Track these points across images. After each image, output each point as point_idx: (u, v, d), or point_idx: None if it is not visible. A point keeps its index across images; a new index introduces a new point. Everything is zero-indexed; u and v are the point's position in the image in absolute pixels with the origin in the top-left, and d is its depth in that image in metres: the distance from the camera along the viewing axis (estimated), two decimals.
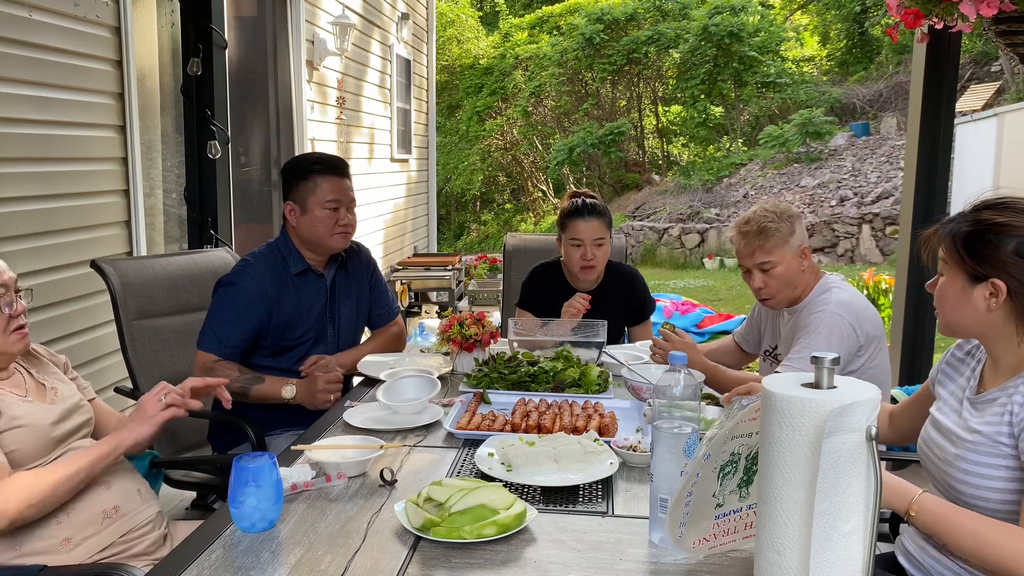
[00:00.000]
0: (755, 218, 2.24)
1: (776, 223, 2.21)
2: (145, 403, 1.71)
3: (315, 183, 2.41)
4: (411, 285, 7.55)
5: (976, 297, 1.40)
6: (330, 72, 6.28)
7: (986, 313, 1.40)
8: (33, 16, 3.00)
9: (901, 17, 2.52)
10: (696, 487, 1.25)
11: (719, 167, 14.85)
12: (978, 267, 1.39)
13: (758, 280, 2.26)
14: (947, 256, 1.44)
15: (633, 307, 3.02)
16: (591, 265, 2.84)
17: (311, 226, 2.42)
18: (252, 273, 2.39)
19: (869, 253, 11.21)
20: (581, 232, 2.82)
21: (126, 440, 1.66)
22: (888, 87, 15.30)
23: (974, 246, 1.39)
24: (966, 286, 1.41)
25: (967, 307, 1.42)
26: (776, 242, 2.21)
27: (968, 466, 1.40)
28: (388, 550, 1.36)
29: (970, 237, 1.40)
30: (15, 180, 2.96)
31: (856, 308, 2.21)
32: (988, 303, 1.39)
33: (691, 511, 1.27)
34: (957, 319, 1.45)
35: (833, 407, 1.05)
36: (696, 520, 1.29)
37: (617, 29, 16.53)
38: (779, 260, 2.22)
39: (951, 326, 1.48)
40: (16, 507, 1.51)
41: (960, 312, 1.44)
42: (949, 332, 1.50)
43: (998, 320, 1.40)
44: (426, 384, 2.13)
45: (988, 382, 1.47)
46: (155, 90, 3.94)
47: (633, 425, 1.96)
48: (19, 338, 1.68)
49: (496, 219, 17.76)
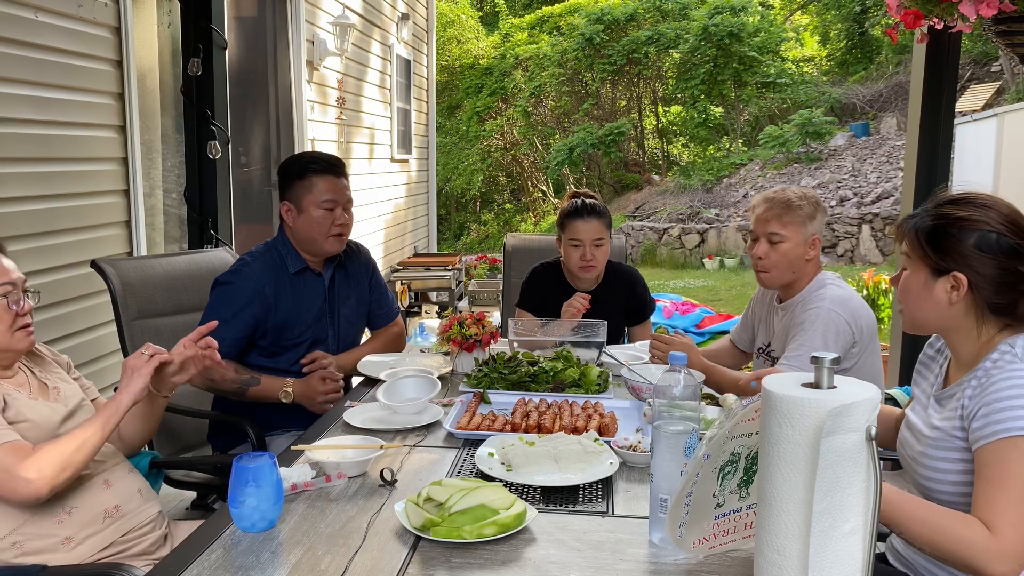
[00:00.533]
0: (786, 192, 2.30)
1: (801, 202, 2.26)
2: (128, 362, 1.72)
3: (311, 183, 2.41)
4: (411, 285, 7.55)
5: (938, 290, 1.43)
6: (330, 72, 6.28)
7: (947, 306, 1.43)
8: (39, 18, 3.01)
9: (901, 17, 2.53)
10: (696, 487, 1.25)
11: (719, 167, 14.85)
12: (940, 261, 1.41)
13: (762, 249, 2.29)
14: (910, 250, 1.47)
15: (633, 307, 3.02)
16: (590, 265, 2.84)
17: (307, 226, 2.41)
18: (248, 272, 2.39)
19: (869, 253, 11.22)
20: (580, 232, 2.82)
21: (123, 399, 1.66)
22: (888, 87, 15.30)
23: (937, 240, 1.42)
24: (928, 280, 1.44)
25: (929, 301, 1.44)
26: (794, 219, 2.25)
27: (930, 462, 1.43)
28: (388, 550, 1.36)
29: (933, 231, 1.42)
30: (15, 180, 2.96)
31: (851, 305, 2.22)
32: (949, 296, 1.42)
33: (691, 511, 1.27)
34: (920, 313, 1.47)
35: (832, 407, 1.05)
36: (696, 520, 1.29)
37: (617, 29, 16.53)
38: (789, 237, 2.25)
39: (914, 320, 1.50)
40: (52, 472, 1.54)
41: (923, 306, 1.46)
42: (913, 327, 1.52)
43: (959, 313, 1.43)
44: (426, 384, 2.13)
45: (951, 378, 1.50)
46: (155, 90, 3.94)
47: (633, 425, 1.96)
48: (25, 336, 1.69)
49: (496, 219, 17.75)
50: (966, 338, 1.44)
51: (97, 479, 1.70)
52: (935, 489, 1.43)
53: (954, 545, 1.24)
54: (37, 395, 1.71)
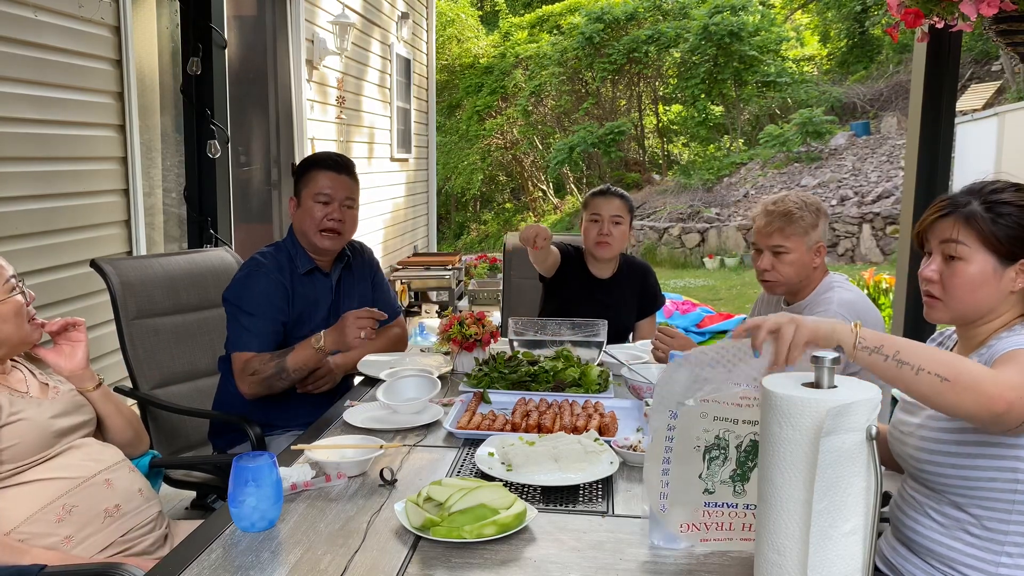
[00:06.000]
0: (785, 201, 2.26)
1: (802, 212, 2.23)
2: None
3: (312, 176, 2.43)
4: (411, 285, 7.55)
5: (1006, 278, 1.42)
6: (330, 71, 6.28)
7: (1008, 294, 1.42)
8: (39, 17, 3.00)
9: (901, 16, 2.52)
10: (674, 462, 1.28)
11: (719, 166, 14.84)
12: (1012, 247, 1.40)
13: (766, 262, 2.27)
14: (968, 239, 1.42)
15: (645, 298, 3.10)
16: (606, 242, 2.90)
17: (301, 219, 2.42)
18: (264, 271, 2.38)
19: (870, 253, 11.21)
20: (600, 208, 2.91)
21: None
22: (888, 86, 15.29)
23: (1003, 228, 1.40)
24: (997, 267, 1.42)
25: (994, 288, 1.42)
26: (796, 230, 2.22)
27: (926, 432, 1.42)
28: (388, 550, 1.36)
29: (997, 219, 1.41)
30: (15, 180, 2.96)
31: (859, 308, 2.21)
32: (1015, 283, 1.42)
33: (672, 484, 1.29)
34: (975, 301, 1.44)
35: (831, 406, 1.05)
36: (680, 499, 1.30)
37: (617, 28, 16.52)
38: (793, 248, 2.23)
39: (962, 311, 1.46)
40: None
41: (981, 294, 1.43)
42: (952, 318, 1.49)
43: (1012, 299, 1.43)
44: (426, 384, 2.13)
45: None
46: (155, 89, 3.94)
47: (633, 425, 1.96)
48: (36, 327, 1.72)
49: (496, 219, 17.74)
50: (996, 324, 1.45)
51: (98, 478, 1.70)
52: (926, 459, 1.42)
53: (963, 375, 1.21)
54: (36, 394, 1.72)
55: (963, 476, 1.37)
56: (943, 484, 1.40)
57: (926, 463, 1.42)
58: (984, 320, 1.46)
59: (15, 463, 1.61)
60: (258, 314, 2.32)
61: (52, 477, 1.65)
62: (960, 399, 1.21)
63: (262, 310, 2.32)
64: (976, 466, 1.35)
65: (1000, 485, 1.34)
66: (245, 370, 2.27)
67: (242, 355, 2.30)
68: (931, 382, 1.22)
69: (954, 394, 1.21)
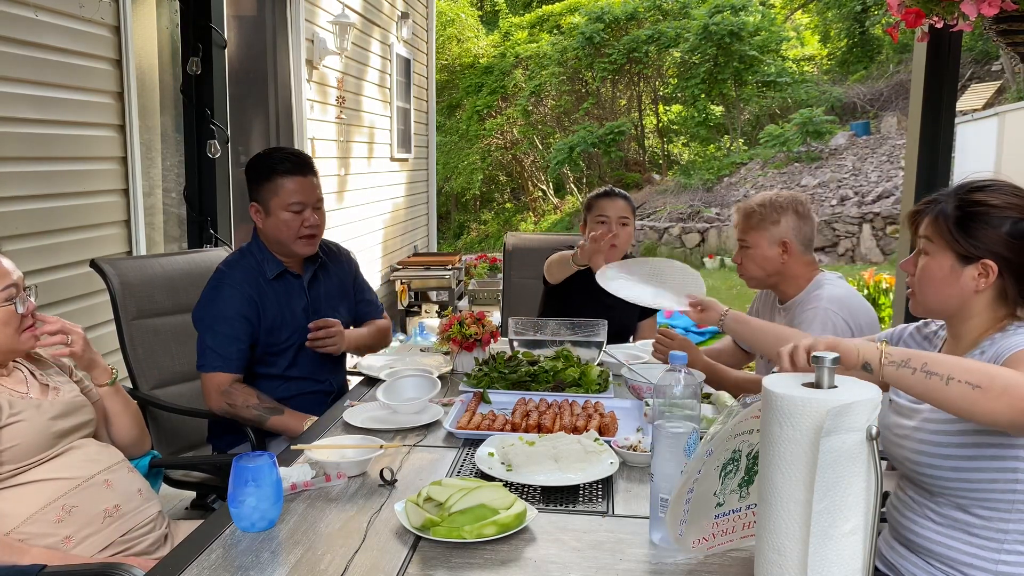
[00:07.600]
0: (754, 200, 2.38)
1: (763, 210, 2.32)
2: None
3: (278, 184, 2.35)
4: (411, 284, 7.55)
5: (965, 277, 1.41)
6: (330, 71, 6.28)
7: (972, 293, 1.42)
8: (39, 17, 3.00)
9: (902, 16, 2.52)
10: (697, 484, 1.25)
11: (719, 166, 14.84)
12: (970, 248, 1.40)
13: (737, 255, 2.41)
14: (933, 236, 1.45)
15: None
16: (614, 243, 2.89)
17: (275, 229, 2.37)
18: (229, 283, 2.35)
19: (870, 252, 11.21)
20: (607, 209, 2.92)
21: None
22: (889, 86, 15.28)
23: (966, 227, 1.40)
24: (955, 266, 1.42)
25: (954, 287, 1.43)
26: (754, 226, 2.33)
27: (924, 435, 1.41)
28: (388, 550, 1.36)
29: (962, 218, 1.41)
30: (15, 180, 2.96)
31: (849, 304, 2.21)
32: (977, 283, 1.41)
33: (692, 509, 1.26)
34: (940, 299, 1.46)
35: (832, 406, 1.05)
36: (696, 519, 1.28)
37: (617, 28, 16.52)
38: (753, 244, 2.33)
39: (929, 306, 1.49)
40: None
41: (945, 291, 1.44)
42: (926, 312, 1.51)
43: (982, 300, 1.42)
44: (426, 383, 2.13)
45: None
46: (155, 89, 3.94)
47: (633, 425, 1.96)
48: (30, 336, 1.71)
49: (496, 218, 17.74)
50: (977, 324, 1.44)
51: (97, 478, 1.70)
52: (925, 463, 1.41)
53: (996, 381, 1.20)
54: (36, 395, 1.72)
55: (963, 478, 1.37)
56: (943, 486, 1.40)
57: (925, 466, 1.42)
58: (960, 319, 1.46)
59: (15, 464, 1.61)
60: (221, 333, 2.29)
61: (52, 478, 1.65)
62: (994, 406, 1.19)
63: (224, 329, 2.30)
64: (976, 467, 1.35)
65: (1000, 485, 1.34)
66: (223, 394, 2.27)
67: (218, 376, 2.28)
68: (962, 391, 1.20)
69: (988, 401, 1.19)
